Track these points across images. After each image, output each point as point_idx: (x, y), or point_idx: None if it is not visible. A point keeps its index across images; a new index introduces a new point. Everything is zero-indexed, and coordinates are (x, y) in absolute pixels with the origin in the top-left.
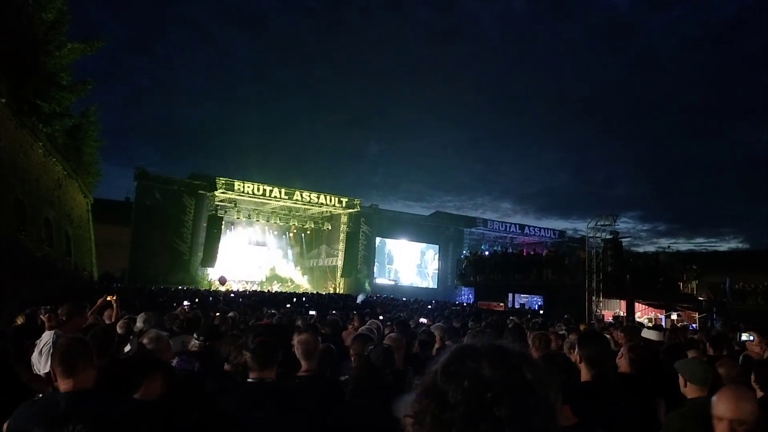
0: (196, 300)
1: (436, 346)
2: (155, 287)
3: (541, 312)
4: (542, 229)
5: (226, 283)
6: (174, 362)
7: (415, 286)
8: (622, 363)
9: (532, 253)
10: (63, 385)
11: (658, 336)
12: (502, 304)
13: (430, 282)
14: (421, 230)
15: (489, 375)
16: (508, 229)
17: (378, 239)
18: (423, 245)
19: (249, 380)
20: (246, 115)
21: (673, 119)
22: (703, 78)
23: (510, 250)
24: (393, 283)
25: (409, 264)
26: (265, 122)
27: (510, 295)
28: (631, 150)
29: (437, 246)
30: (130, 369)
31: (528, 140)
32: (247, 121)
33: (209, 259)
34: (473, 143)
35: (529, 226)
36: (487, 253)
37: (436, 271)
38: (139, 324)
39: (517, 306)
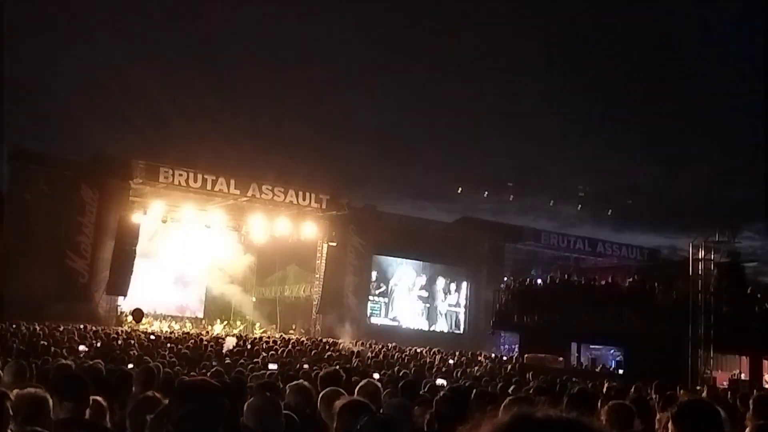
0: (98, 344)
1: None
2: (33, 325)
3: (621, 372)
4: (623, 247)
5: (144, 320)
6: None
7: (425, 329)
8: None
9: (608, 282)
10: None
11: None
12: (561, 358)
13: (444, 325)
14: (440, 245)
15: None
16: (572, 246)
17: (379, 258)
18: (435, 268)
19: None
20: (175, 69)
21: None
22: None
23: (575, 278)
24: (396, 324)
25: (408, 296)
26: (204, 84)
27: (574, 345)
28: (752, 132)
29: (464, 269)
30: None
31: (600, 114)
32: (177, 78)
33: (119, 283)
34: (517, 116)
35: (603, 242)
36: (539, 281)
37: (460, 309)
38: (6, 378)
39: (584, 361)
